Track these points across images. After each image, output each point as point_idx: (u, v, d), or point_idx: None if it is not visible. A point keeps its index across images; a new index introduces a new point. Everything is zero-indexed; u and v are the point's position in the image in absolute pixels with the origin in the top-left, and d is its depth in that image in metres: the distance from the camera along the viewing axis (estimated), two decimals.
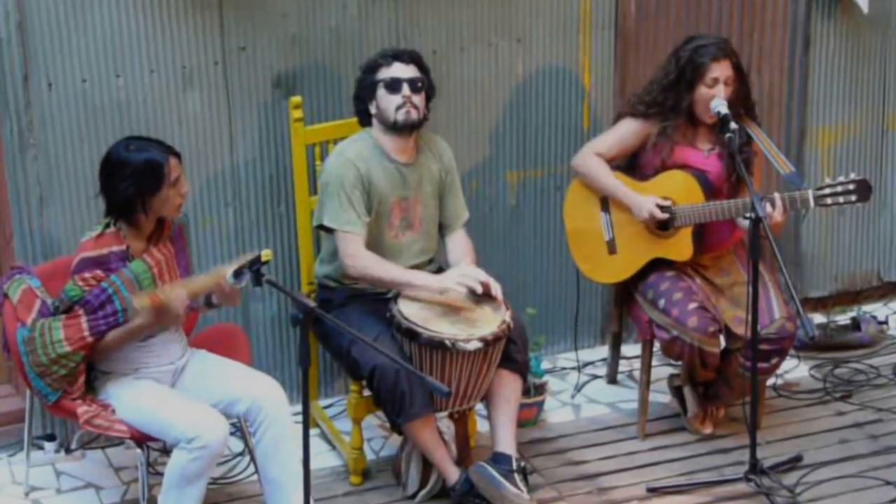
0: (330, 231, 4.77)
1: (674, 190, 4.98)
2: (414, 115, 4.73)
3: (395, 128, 4.75)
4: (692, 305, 4.90)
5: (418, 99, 4.74)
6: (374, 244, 4.81)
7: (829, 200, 4.81)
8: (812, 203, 4.82)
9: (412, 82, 4.73)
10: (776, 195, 4.80)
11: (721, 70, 4.89)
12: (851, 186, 4.80)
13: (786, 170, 4.89)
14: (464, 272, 4.69)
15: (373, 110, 4.78)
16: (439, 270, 4.95)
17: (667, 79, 4.97)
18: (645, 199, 4.97)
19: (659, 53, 5.40)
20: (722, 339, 4.97)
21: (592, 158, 5.06)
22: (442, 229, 4.97)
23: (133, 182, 4.32)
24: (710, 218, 4.92)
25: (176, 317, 4.33)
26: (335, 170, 4.75)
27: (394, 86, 4.72)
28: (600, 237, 5.12)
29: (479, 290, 4.65)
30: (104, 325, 4.36)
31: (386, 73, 4.74)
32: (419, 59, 4.80)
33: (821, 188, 4.82)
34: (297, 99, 5.02)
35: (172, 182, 4.36)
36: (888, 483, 4.87)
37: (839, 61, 5.91)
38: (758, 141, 4.96)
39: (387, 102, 4.74)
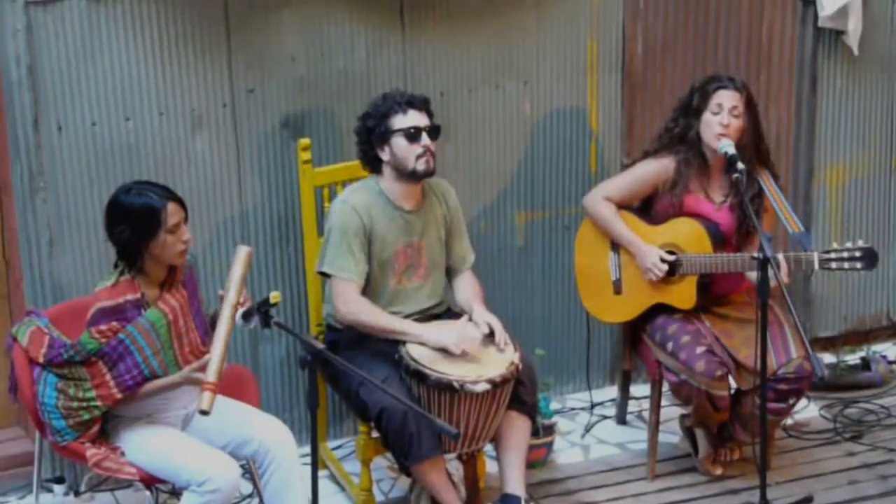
0: (328, 276, 4.79)
1: (683, 237, 4.98)
2: (432, 163, 4.75)
3: (413, 176, 4.76)
4: (700, 349, 4.89)
5: (434, 146, 4.76)
6: (381, 291, 4.82)
7: (833, 265, 4.82)
8: (816, 266, 4.82)
9: (430, 131, 4.74)
10: (781, 256, 4.79)
11: (727, 98, 4.90)
12: (858, 254, 4.80)
13: (795, 229, 4.89)
14: (464, 335, 4.66)
15: (385, 157, 4.77)
16: (448, 311, 4.95)
17: (679, 104, 5.00)
18: (650, 249, 4.97)
19: (666, 94, 5.42)
20: (732, 380, 4.96)
21: (602, 204, 5.07)
22: (448, 272, 4.97)
23: (129, 226, 4.33)
24: (715, 269, 4.92)
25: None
26: (339, 217, 4.76)
27: (415, 135, 4.72)
28: (607, 276, 5.13)
29: (474, 352, 4.64)
30: (130, 381, 4.37)
31: (403, 121, 4.71)
32: (429, 105, 4.80)
33: (827, 252, 4.82)
34: (305, 141, 5.05)
35: (170, 228, 4.35)
36: None
37: (846, 100, 5.92)
38: (769, 195, 4.96)
39: (406, 152, 4.73)
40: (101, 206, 4.65)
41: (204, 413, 4.12)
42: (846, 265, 4.81)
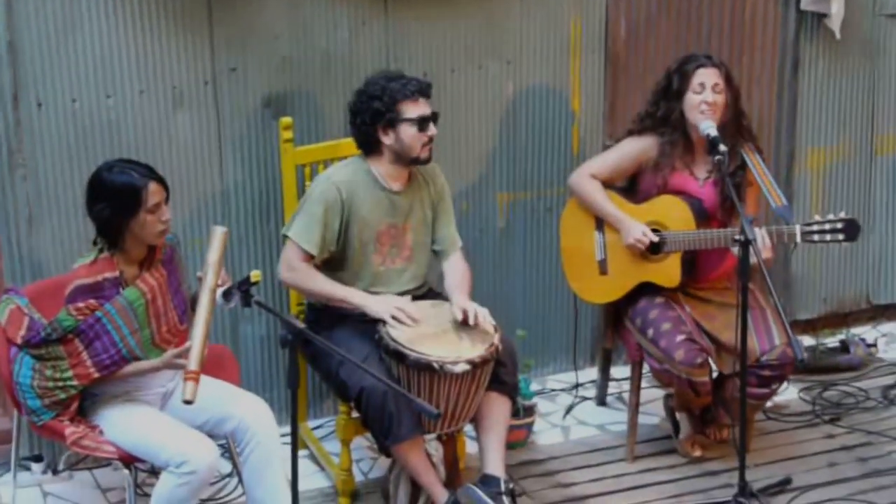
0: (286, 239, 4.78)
1: (666, 215, 4.98)
2: (432, 150, 4.76)
3: (415, 163, 4.76)
4: (679, 337, 4.89)
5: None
6: (363, 272, 4.81)
7: (815, 237, 4.82)
8: (799, 238, 4.82)
9: (434, 119, 4.74)
10: (763, 230, 4.79)
11: (707, 76, 4.90)
12: (840, 225, 4.80)
13: (777, 202, 4.89)
14: (399, 305, 4.67)
15: (387, 141, 4.73)
16: (430, 291, 4.95)
17: (657, 88, 4.99)
18: (635, 224, 4.98)
19: (648, 76, 5.41)
20: (713, 364, 4.96)
21: (587, 181, 5.07)
22: (437, 255, 4.96)
23: (109, 204, 4.32)
24: (699, 245, 4.92)
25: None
26: (317, 190, 4.76)
27: (424, 125, 4.70)
28: (592, 257, 5.13)
29: (410, 325, 4.64)
30: (108, 360, 4.37)
31: (415, 110, 4.68)
32: (431, 91, 4.77)
33: (809, 224, 4.83)
34: (287, 120, 5.03)
35: (150, 208, 4.33)
36: None
37: (828, 84, 5.93)
38: (752, 168, 4.96)
39: (414, 140, 4.71)
40: (80, 184, 4.64)
41: (188, 402, 4.11)
42: (828, 237, 4.81)
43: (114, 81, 4.94)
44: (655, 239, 4.96)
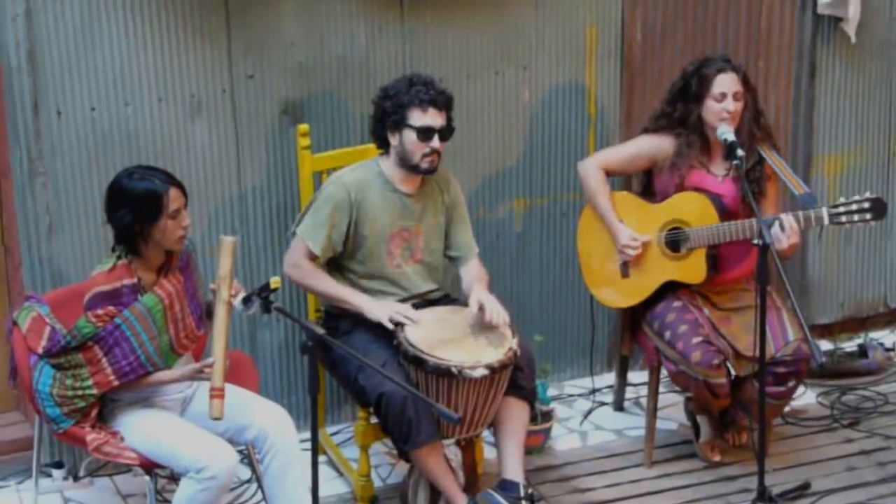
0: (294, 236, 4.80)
1: (687, 212, 4.98)
2: (436, 162, 4.76)
3: (414, 171, 4.77)
4: (696, 339, 4.90)
5: (442, 147, 4.75)
6: (376, 272, 4.83)
7: (843, 219, 4.80)
8: (827, 221, 4.80)
9: (442, 133, 4.73)
10: (786, 216, 4.79)
11: (728, 83, 4.90)
12: (867, 205, 4.78)
13: (800, 190, 4.89)
14: (397, 308, 4.69)
15: (393, 142, 4.76)
16: (446, 297, 4.96)
17: (673, 90, 5.00)
18: (621, 231, 4.98)
19: (665, 81, 5.41)
20: (731, 367, 4.96)
21: (596, 172, 5.08)
22: (454, 262, 4.97)
23: (131, 210, 4.34)
24: (722, 239, 4.92)
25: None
26: (328, 191, 4.79)
27: (427, 135, 4.71)
28: (613, 261, 5.12)
29: (409, 324, 4.65)
30: (127, 367, 4.39)
31: (421, 119, 4.69)
32: (452, 104, 4.76)
33: (835, 206, 4.81)
34: (304, 127, 5.05)
35: (171, 213, 4.36)
36: None
37: (845, 89, 5.93)
38: (770, 162, 4.95)
39: (414, 147, 4.72)
40: (100, 192, 4.66)
41: (217, 419, 4.16)
42: (856, 217, 4.78)
43: (132, 90, 4.96)
44: (640, 247, 4.94)
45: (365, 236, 4.80)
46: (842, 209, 4.79)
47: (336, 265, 4.86)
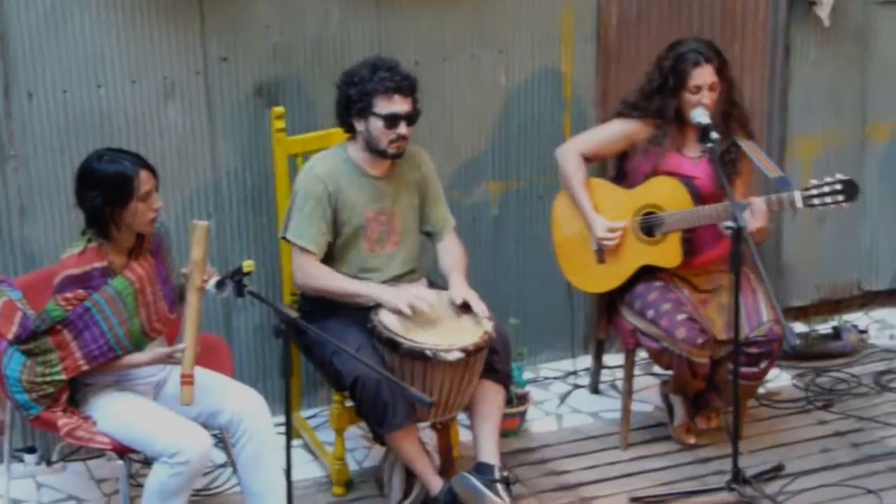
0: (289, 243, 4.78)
1: (662, 196, 4.99)
2: (402, 147, 4.74)
3: (381, 156, 4.76)
4: (681, 317, 4.91)
5: (409, 132, 4.74)
6: (353, 258, 4.81)
7: (816, 201, 4.81)
8: (800, 204, 4.81)
9: (409, 118, 4.72)
10: (756, 199, 4.80)
11: (703, 76, 4.90)
12: (839, 186, 4.80)
13: (774, 174, 4.90)
14: (418, 294, 4.67)
15: (359, 128, 4.74)
16: (421, 280, 4.95)
17: (650, 85, 5.00)
18: (597, 221, 4.99)
19: (640, 64, 5.41)
20: (710, 348, 4.97)
21: (574, 157, 5.08)
22: (431, 237, 4.97)
23: (100, 193, 4.31)
24: (697, 223, 4.93)
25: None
26: (303, 185, 4.76)
27: (393, 122, 4.70)
28: (588, 247, 5.13)
29: (428, 311, 4.63)
30: (97, 351, 4.36)
31: (386, 106, 4.67)
32: (416, 87, 4.74)
33: (807, 188, 4.82)
34: (279, 109, 5.02)
35: (142, 196, 4.33)
36: (869, 492, 4.88)
37: (819, 71, 5.93)
38: (744, 146, 4.96)
39: (381, 134, 4.70)
40: (72, 175, 4.62)
41: (186, 405, 4.17)
42: (828, 199, 4.80)
43: (105, 72, 4.93)
44: (617, 238, 4.94)
45: (343, 223, 4.79)
46: (814, 191, 4.80)
47: None
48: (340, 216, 4.78)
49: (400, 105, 4.69)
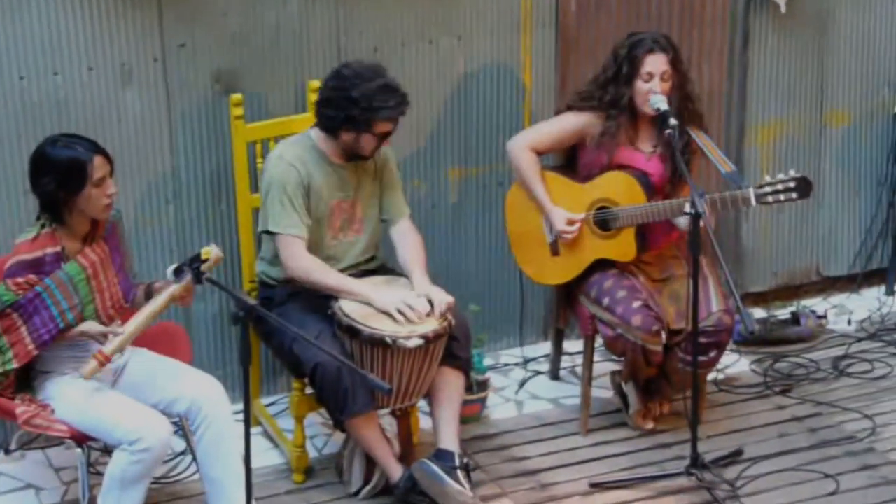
0: (274, 235, 4.76)
1: (616, 191, 5.00)
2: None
3: (359, 158, 4.78)
4: (636, 304, 4.93)
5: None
6: (316, 246, 4.80)
7: (770, 199, 4.84)
8: (754, 202, 4.84)
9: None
10: (707, 196, 4.81)
11: (655, 64, 4.91)
12: (792, 184, 4.83)
13: (726, 168, 4.92)
14: (408, 302, 4.64)
15: (346, 138, 4.71)
16: (382, 267, 4.95)
17: (605, 74, 5.00)
18: (557, 213, 5.00)
19: (599, 51, 5.42)
20: (664, 336, 4.99)
21: (525, 153, 5.08)
22: (385, 223, 4.96)
23: (54, 178, 4.29)
24: (651, 218, 4.95)
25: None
26: (276, 174, 4.74)
27: (385, 138, 4.74)
28: (543, 239, 5.14)
29: (416, 320, 4.62)
30: (46, 335, 4.33)
31: (384, 127, 4.69)
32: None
33: (761, 186, 4.85)
34: (237, 96, 5.01)
35: (96, 181, 4.31)
36: (827, 476, 4.92)
37: (778, 58, 5.96)
38: (697, 140, 4.98)
39: (369, 144, 4.72)
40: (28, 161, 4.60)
41: (82, 376, 4.20)
42: (782, 196, 4.83)
43: (62, 59, 4.89)
44: (576, 230, 4.96)
45: (310, 210, 4.77)
46: (768, 189, 4.83)
47: None
48: (310, 203, 4.77)
49: (395, 124, 4.72)
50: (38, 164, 4.33)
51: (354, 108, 4.65)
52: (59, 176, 4.28)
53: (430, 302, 4.69)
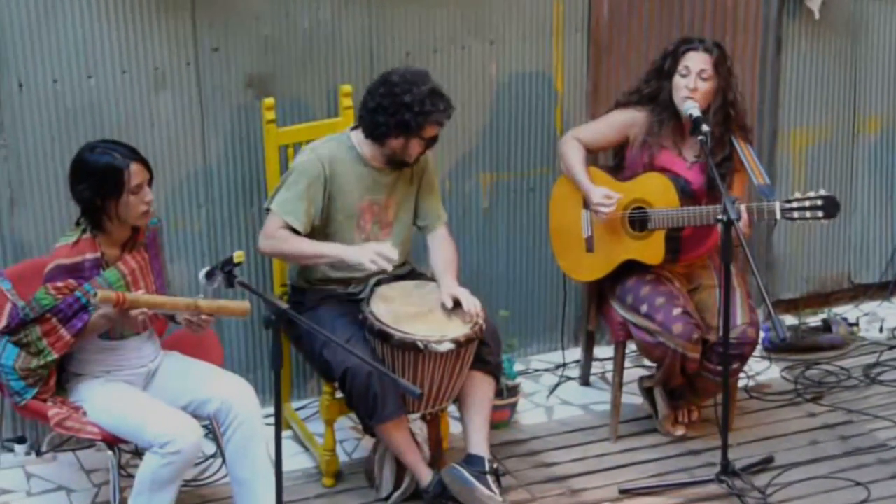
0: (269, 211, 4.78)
1: (651, 192, 4.99)
2: None
3: (403, 164, 4.79)
4: (676, 311, 4.91)
5: None
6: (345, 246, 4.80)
7: (795, 214, 4.83)
8: (778, 215, 4.83)
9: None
10: (742, 206, 4.81)
11: (694, 60, 4.91)
12: (819, 202, 4.82)
13: (760, 180, 4.90)
14: (380, 251, 4.63)
15: (395, 145, 4.71)
16: (412, 272, 4.95)
17: (651, 67, 5.02)
18: (595, 189, 4.99)
19: (631, 57, 5.42)
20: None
21: (572, 143, 5.10)
22: (421, 230, 4.97)
23: (91, 185, 4.31)
24: (683, 223, 4.94)
25: (136, 322, 4.33)
26: (302, 162, 4.76)
27: (431, 143, 4.76)
28: (580, 234, 5.14)
29: (389, 269, 4.63)
30: (80, 326, 4.34)
31: (432, 131, 4.71)
32: None
33: (789, 201, 4.84)
34: (269, 100, 5.02)
35: (133, 189, 4.33)
36: (858, 484, 4.89)
37: (811, 64, 5.94)
38: (739, 150, 4.96)
39: (415, 150, 4.74)
40: (62, 165, 4.64)
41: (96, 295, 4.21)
42: (808, 214, 4.82)
43: (95, 62, 4.92)
44: (614, 204, 4.95)
45: (337, 209, 4.79)
46: (795, 204, 4.82)
47: (307, 237, 4.82)
48: (335, 202, 4.77)
49: (439, 129, 4.74)
50: (76, 170, 4.36)
51: (407, 112, 4.66)
52: (96, 182, 4.30)
53: (457, 302, 4.69)
